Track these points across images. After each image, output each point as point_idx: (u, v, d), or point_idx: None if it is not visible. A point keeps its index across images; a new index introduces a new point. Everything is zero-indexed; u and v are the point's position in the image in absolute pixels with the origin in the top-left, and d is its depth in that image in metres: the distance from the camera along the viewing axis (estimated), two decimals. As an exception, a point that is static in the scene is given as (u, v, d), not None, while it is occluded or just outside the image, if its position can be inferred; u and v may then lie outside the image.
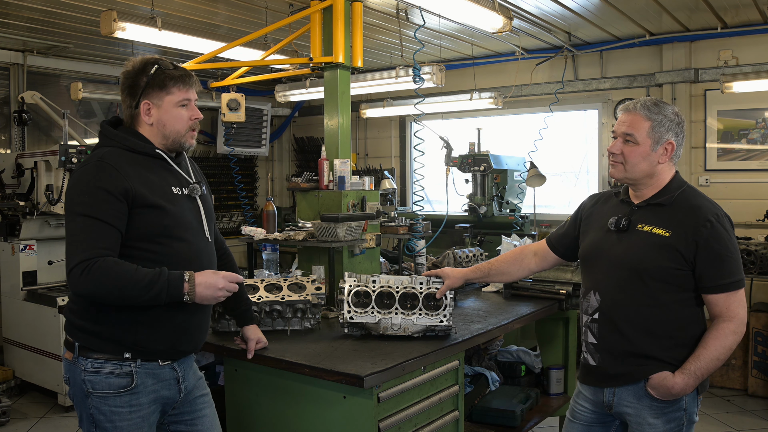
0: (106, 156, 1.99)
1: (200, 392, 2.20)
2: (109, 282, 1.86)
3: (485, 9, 3.98)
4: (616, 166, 2.21)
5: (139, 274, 1.88)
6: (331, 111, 3.77)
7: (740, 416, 4.63)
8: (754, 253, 4.95)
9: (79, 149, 4.63)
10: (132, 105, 2.07)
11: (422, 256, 4.10)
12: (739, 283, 2.09)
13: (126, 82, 2.08)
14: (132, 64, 2.08)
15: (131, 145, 2.04)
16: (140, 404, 2.00)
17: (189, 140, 2.13)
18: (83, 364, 2.00)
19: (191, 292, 1.92)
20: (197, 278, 1.94)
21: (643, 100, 2.20)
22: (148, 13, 4.26)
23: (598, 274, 2.26)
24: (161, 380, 2.05)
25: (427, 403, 2.40)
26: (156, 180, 2.04)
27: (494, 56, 6.74)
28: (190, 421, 2.16)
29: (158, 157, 2.08)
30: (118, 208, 1.92)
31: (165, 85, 2.05)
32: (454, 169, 5.96)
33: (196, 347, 2.18)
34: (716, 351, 2.06)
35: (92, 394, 1.98)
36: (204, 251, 2.13)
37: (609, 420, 2.29)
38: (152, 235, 1.99)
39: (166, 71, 2.06)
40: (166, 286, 1.89)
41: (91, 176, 1.95)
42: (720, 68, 5.68)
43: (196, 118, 2.12)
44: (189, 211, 2.10)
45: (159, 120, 2.06)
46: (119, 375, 1.98)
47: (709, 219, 2.08)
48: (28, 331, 4.89)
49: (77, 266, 1.86)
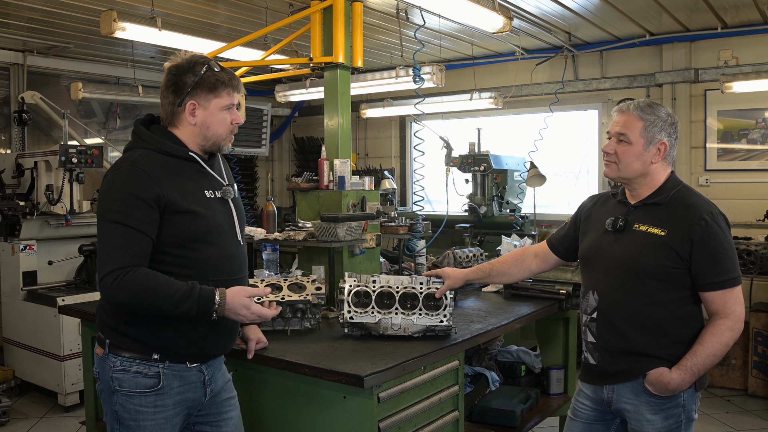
0: (139, 160, 1.97)
1: (228, 394, 2.20)
2: (140, 294, 1.87)
3: (485, 9, 3.98)
4: (609, 165, 2.26)
5: (170, 288, 1.88)
6: (331, 111, 3.77)
7: (740, 416, 4.63)
8: (754, 253, 4.94)
9: (79, 149, 4.63)
10: (175, 102, 2.04)
11: (422, 256, 4.10)
12: (735, 281, 2.11)
13: (172, 78, 2.04)
14: (180, 59, 2.05)
15: (164, 148, 2.02)
16: (165, 405, 2.00)
17: (227, 143, 2.12)
18: (112, 361, 2.00)
19: (219, 312, 1.95)
20: (228, 302, 1.95)
21: (637, 102, 2.25)
22: (148, 13, 4.26)
23: (596, 274, 2.29)
24: (188, 383, 2.05)
25: (427, 403, 2.40)
26: (189, 184, 2.02)
27: (494, 56, 6.74)
28: (215, 423, 2.16)
29: (191, 160, 2.06)
30: (149, 215, 1.91)
31: (215, 88, 2.03)
32: (454, 169, 5.96)
33: (225, 350, 2.17)
34: (713, 347, 2.08)
35: (119, 392, 1.99)
36: (236, 255, 2.13)
37: (609, 418, 2.31)
38: (184, 241, 1.98)
39: (217, 74, 2.03)
40: (195, 306, 1.90)
41: (124, 181, 1.93)
42: (720, 68, 5.68)
43: (237, 123, 2.10)
44: (221, 215, 2.09)
45: (203, 122, 2.04)
46: (147, 375, 1.99)
47: (704, 217, 2.11)
48: (28, 331, 4.89)
49: (108, 275, 1.86)
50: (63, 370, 4.62)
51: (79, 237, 5.06)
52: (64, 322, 4.55)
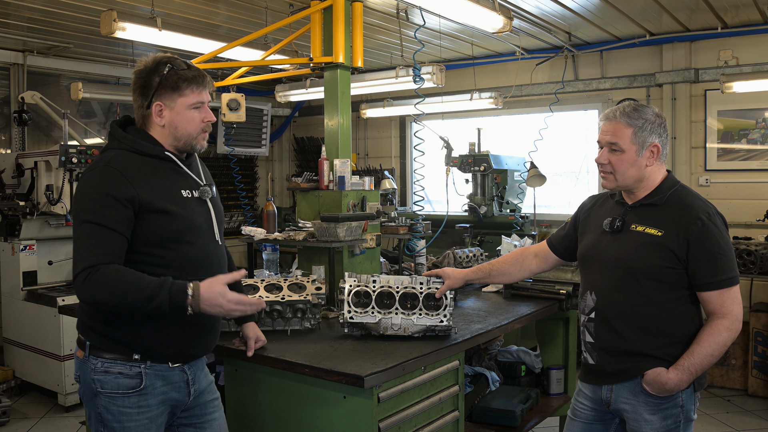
0: (113, 160, 1.96)
1: (211, 396, 2.19)
2: (110, 290, 1.84)
3: (485, 9, 3.98)
4: (607, 177, 2.24)
5: (141, 283, 1.85)
6: (331, 111, 3.77)
7: (740, 416, 4.63)
8: (754, 253, 4.94)
9: (79, 149, 4.63)
10: (143, 105, 2.03)
11: (422, 256, 4.10)
12: (733, 280, 2.11)
13: (138, 81, 2.03)
14: (144, 63, 2.03)
15: (140, 147, 2.01)
16: (149, 405, 1.99)
17: (201, 142, 2.10)
18: (93, 363, 1.98)
19: (195, 307, 1.88)
20: (202, 294, 1.88)
21: (622, 107, 2.22)
22: (148, 13, 4.26)
23: (594, 275, 2.30)
24: (170, 382, 2.04)
25: (427, 403, 2.40)
26: (165, 184, 2.01)
27: (494, 56, 6.74)
28: (199, 424, 2.15)
29: (168, 160, 2.05)
30: (123, 214, 1.90)
31: (178, 87, 2.00)
32: (454, 169, 5.96)
33: (206, 350, 2.16)
34: (710, 347, 2.08)
35: (101, 394, 1.97)
36: (214, 254, 2.11)
37: (609, 418, 2.31)
38: (161, 240, 1.97)
39: (180, 71, 2.01)
40: (168, 300, 1.85)
41: (97, 182, 1.92)
42: (720, 68, 5.68)
43: (209, 121, 2.08)
44: (199, 215, 2.08)
45: (171, 122, 2.03)
46: (128, 376, 1.97)
47: (700, 217, 2.11)
48: (28, 331, 4.89)
49: (80, 273, 1.84)
50: (63, 370, 4.62)
51: (79, 237, 5.05)
52: (64, 322, 4.55)
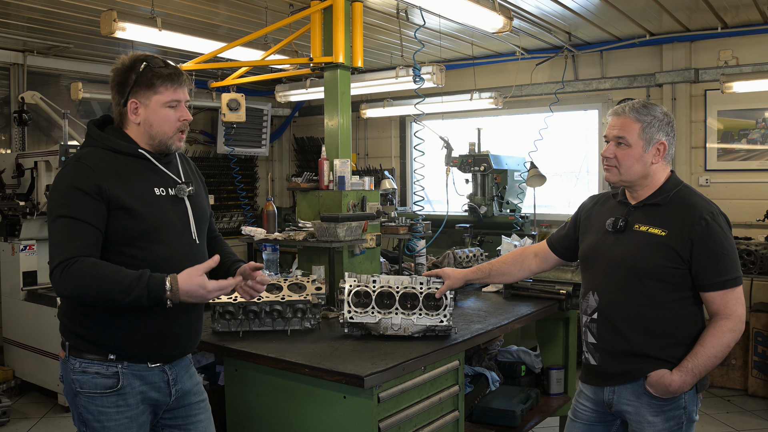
0: (84, 156, 1.96)
1: (197, 397, 2.17)
2: (86, 283, 1.82)
3: (485, 9, 3.99)
4: (611, 170, 2.24)
5: (119, 276, 1.83)
6: (331, 111, 3.77)
7: (740, 416, 4.63)
8: (754, 253, 4.94)
9: (79, 149, 4.63)
10: (120, 103, 2.02)
11: (422, 256, 4.10)
12: (736, 281, 2.10)
13: (115, 79, 2.02)
14: (122, 60, 2.02)
15: (113, 145, 1.99)
16: (128, 405, 1.98)
17: (176, 143, 2.06)
18: (72, 363, 1.98)
19: (174, 299, 1.85)
20: (181, 287, 1.85)
21: (631, 103, 2.23)
22: (148, 13, 4.26)
23: (596, 275, 2.28)
24: (149, 382, 2.02)
25: (427, 403, 2.40)
26: (136, 181, 1.98)
27: (494, 56, 6.74)
28: (184, 426, 2.13)
29: (142, 158, 2.02)
30: (94, 207, 1.88)
31: (152, 84, 1.98)
32: (454, 169, 5.96)
33: (184, 351, 2.12)
34: (714, 349, 2.07)
35: (80, 394, 1.97)
36: (189, 254, 2.06)
37: (610, 419, 2.30)
38: (130, 239, 1.94)
39: (155, 69, 1.99)
40: (145, 293, 1.82)
41: (69, 177, 1.92)
42: (720, 68, 5.68)
43: (185, 120, 2.05)
44: (172, 213, 2.04)
45: (146, 120, 2.01)
46: (105, 375, 1.96)
47: (704, 217, 2.10)
48: (28, 331, 4.89)
49: (56, 267, 1.83)
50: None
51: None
52: (63, 322, 4.55)
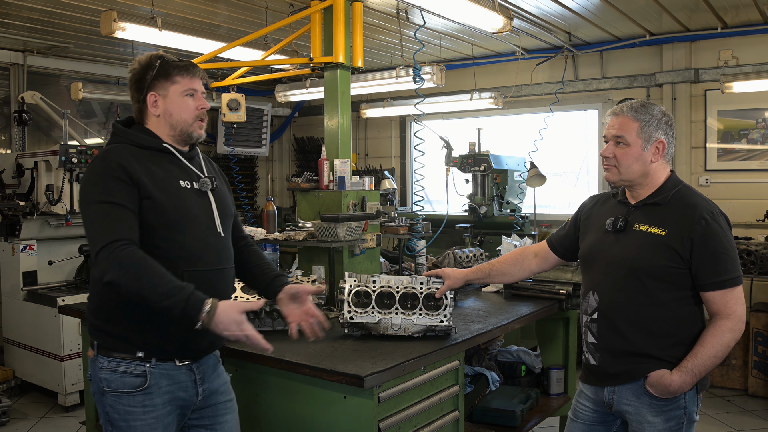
0: (111, 150, 2.01)
1: (224, 397, 2.18)
2: (133, 273, 1.83)
3: (485, 9, 3.99)
4: (610, 170, 2.25)
5: (165, 278, 1.85)
6: (331, 111, 3.77)
7: (740, 416, 4.63)
8: (754, 253, 4.94)
9: (79, 149, 4.63)
10: (140, 99, 2.09)
11: (422, 256, 4.10)
12: (736, 281, 2.10)
13: (133, 78, 2.11)
14: (138, 61, 2.11)
15: (138, 140, 2.06)
16: (154, 405, 1.99)
17: (197, 130, 2.13)
18: (101, 362, 2.00)
19: (207, 323, 1.86)
20: (218, 315, 1.86)
21: (629, 103, 2.24)
22: (148, 13, 4.26)
23: (596, 275, 2.28)
24: (177, 381, 2.03)
25: (427, 403, 2.40)
26: (162, 173, 2.03)
27: (494, 56, 6.74)
28: (210, 426, 2.14)
29: (166, 152, 2.09)
30: (129, 191, 1.92)
31: (169, 75, 2.07)
32: (454, 169, 5.96)
33: (214, 345, 2.15)
34: (714, 348, 2.07)
35: (108, 393, 1.99)
36: (214, 246, 2.10)
37: (610, 419, 2.30)
38: (156, 228, 1.97)
39: (171, 62, 2.09)
40: (182, 305, 1.84)
41: (99, 168, 1.96)
42: (720, 68, 5.68)
43: (203, 108, 2.12)
44: (196, 206, 2.08)
45: (165, 110, 2.08)
46: (133, 374, 1.98)
47: (704, 216, 2.10)
48: (28, 331, 4.89)
49: (103, 249, 1.84)
50: (63, 370, 4.62)
51: (79, 237, 5.05)
52: (64, 322, 4.55)
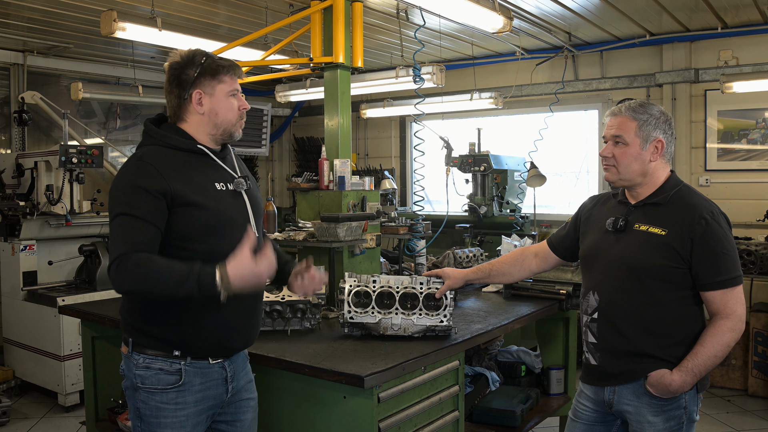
0: (146, 155, 1.99)
1: (247, 395, 2.20)
2: (140, 277, 1.85)
3: (485, 9, 3.98)
4: (609, 169, 2.26)
5: (170, 269, 1.86)
6: (331, 111, 3.77)
7: (740, 416, 4.63)
8: (754, 253, 4.94)
9: (79, 149, 4.63)
10: (181, 96, 2.05)
11: (422, 257, 4.10)
12: (736, 280, 2.10)
13: (174, 73, 2.06)
14: (179, 55, 2.07)
15: (173, 142, 2.04)
16: (186, 402, 2.01)
17: (238, 129, 2.13)
18: (136, 358, 2.02)
19: (227, 288, 1.86)
20: (231, 275, 1.85)
21: (628, 103, 2.26)
22: (148, 13, 4.26)
23: (596, 275, 2.28)
24: (210, 379, 2.05)
25: (427, 403, 2.40)
26: (197, 177, 2.02)
27: (494, 56, 6.74)
28: (231, 422, 2.16)
29: (201, 153, 2.07)
30: (155, 206, 1.91)
31: (217, 73, 2.05)
32: (454, 169, 5.96)
33: (246, 343, 2.16)
34: (714, 348, 2.07)
35: (141, 389, 2.00)
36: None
37: (611, 419, 2.30)
38: (195, 234, 1.98)
39: (218, 60, 2.08)
40: (196, 286, 1.84)
41: (131, 176, 1.96)
42: (720, 68, 5.68)
43: (245, 109, 2.13)
44: (233, 208, 2.08)
45: (211, 109, 2.06)
46: (169, 372, 1.99)
47: (704, 216, 2.10)
48: (28, 331, 4.89)
49: (113, 263, 1.86)
50: (63, 370, 4.62)
51: (79, 237, 5.06)
52: (64, 322, 4.55)
